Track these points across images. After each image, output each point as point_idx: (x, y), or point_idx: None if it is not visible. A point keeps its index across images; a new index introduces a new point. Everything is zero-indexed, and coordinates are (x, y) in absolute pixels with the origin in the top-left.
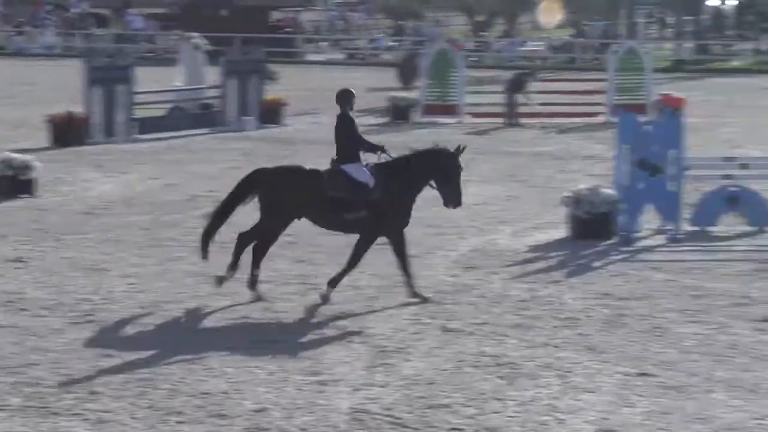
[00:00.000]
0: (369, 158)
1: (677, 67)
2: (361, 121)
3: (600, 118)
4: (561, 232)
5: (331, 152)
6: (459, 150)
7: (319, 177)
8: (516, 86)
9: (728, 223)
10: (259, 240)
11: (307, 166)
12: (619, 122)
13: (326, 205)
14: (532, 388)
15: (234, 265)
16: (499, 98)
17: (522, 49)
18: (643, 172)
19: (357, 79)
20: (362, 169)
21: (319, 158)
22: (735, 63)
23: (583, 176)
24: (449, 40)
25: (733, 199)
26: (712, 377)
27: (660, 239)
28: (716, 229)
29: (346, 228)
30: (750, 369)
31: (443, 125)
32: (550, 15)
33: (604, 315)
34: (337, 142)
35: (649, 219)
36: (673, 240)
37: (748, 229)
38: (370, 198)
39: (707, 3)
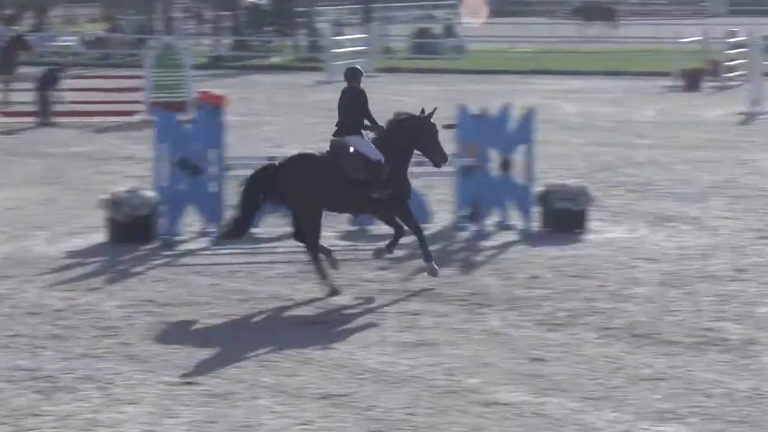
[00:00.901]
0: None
1: (216, 64)
2: None
3: (138, 117)
4: (100, 237)
5: None
6: (431, 113)
7: (334, 160)
8: (48, 83)
9: (271, 225)
10: (309, 239)
11: (317, 152)
12: (157, 121)
13: (346, 187)
14: (70, 402)
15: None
16: (31, 96)
17: (53, 44)
18: (184, 172)
19: None
20: (369, 144)
21: None
22: (274, 59)
23: (122, 177)
24: None
25: None
26: (257, 383)
27: (203, 242)
28: (260, 231)
29: (365, 208)
30: (296, 374)
31: None
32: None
33: (147, 322)
34: (343, 112)
35: (191, 221)
36: (217, 243)
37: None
38: (385, 174)
39: None
